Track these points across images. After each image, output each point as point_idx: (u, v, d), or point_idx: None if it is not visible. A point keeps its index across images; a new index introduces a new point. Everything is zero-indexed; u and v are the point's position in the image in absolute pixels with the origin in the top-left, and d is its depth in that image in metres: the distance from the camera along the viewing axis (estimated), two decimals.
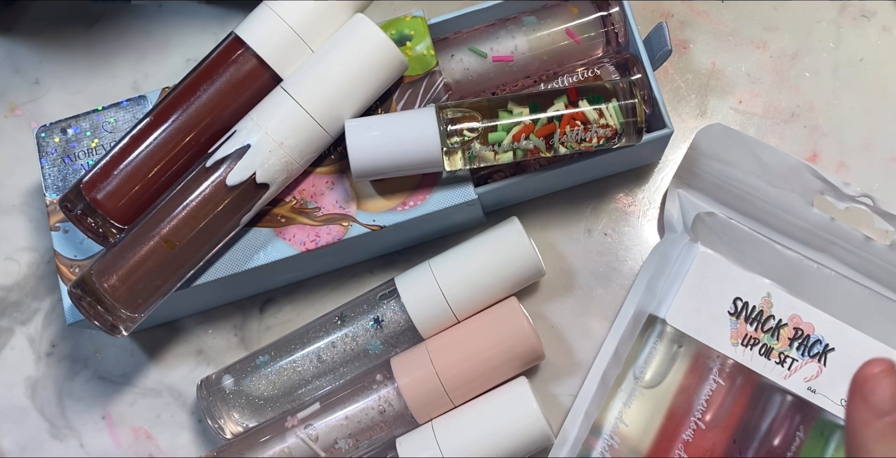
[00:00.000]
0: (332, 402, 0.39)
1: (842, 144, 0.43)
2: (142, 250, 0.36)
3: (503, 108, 0.36)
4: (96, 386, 0.44)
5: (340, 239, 0.38)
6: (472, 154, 0.36)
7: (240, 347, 0.44)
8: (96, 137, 0.41)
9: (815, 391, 0.38)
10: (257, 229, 0.39)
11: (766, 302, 0.40)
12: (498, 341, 0.39)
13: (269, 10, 0.37)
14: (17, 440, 0.44)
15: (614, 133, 0.36)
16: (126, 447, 0.43)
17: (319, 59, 0.37)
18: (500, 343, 0.38)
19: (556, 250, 0.43)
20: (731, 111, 0.44)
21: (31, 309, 0.45)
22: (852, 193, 0.39)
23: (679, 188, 0.42)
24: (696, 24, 0.46)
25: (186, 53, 0.48)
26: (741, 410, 0.39)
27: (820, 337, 0.39)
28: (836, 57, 0.45)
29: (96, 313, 0.36)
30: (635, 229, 0.43)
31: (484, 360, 0.38)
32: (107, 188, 0.37)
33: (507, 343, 0.38)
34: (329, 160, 0.39)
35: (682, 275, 0.40)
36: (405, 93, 0.39)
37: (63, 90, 0.48)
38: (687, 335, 0.40)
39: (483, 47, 0.40)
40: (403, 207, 0.38)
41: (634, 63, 0.39)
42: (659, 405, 0.39)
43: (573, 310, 0.42)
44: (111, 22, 0.49)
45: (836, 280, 0.40)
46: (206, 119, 0.37)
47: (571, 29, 0.39)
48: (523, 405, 0.38)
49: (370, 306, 0.40)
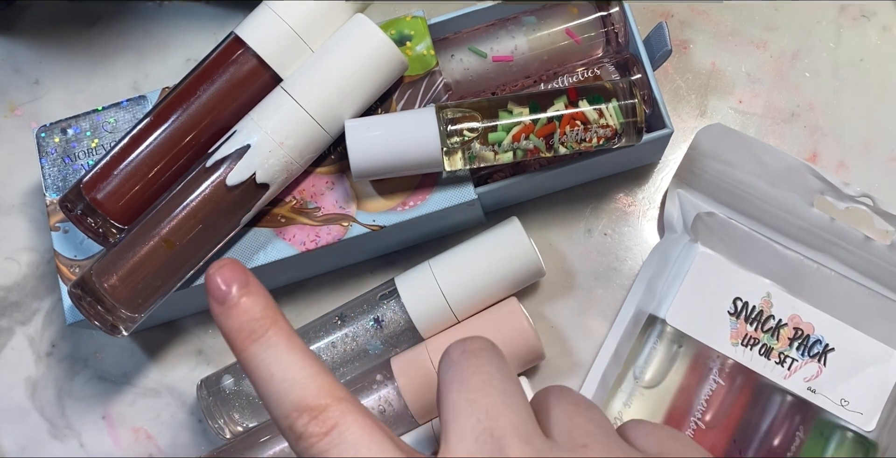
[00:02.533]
0: None
1: (842, 144, 0.43)
2: (142, 250, 0.36)
3: (503, 108, 0.36)
4: (96, 386, 0.44)
5: (340, 239, 0.38)
6: (472, 154, 0.36)
7: None
8: (96, 137, 0.41)
9: (815, 391, 0.38)
10: (257, 229, 0.39)
11: (766, 302, 0.40)
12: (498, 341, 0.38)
13: (269, 10, 0.37)
14: (17, 440, 0.44)
15: (614, 133, 0.36)
16: (126, 447, 0.43)
17: (319, 59, 0.37)
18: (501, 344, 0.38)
19: (556, 250, 0.43)
20: (731, 111, 0.44)
21: (31, 309, 0.45)
22: (852, 193, 0.39)
23: (679, 188, 0.42)
24: (696, 24, 0.46)
25: (186, 53, 0.48)
26: (741, 410, 0.39)
27: (820, 337, 0.39)
28: (836, 57, 0.45)
29: (96, 313, 0.36)
30: (635, 229, 0.43)
31: None
32: (107, 188, 0.37)
33: (507, 343, 0.38)
34: (329, 160, 0.39)
35: (682, 275, 0.40)
36: (405, 93, 0.39)
37: (63, 90, 0.48)
38: (687, 335, 0.40)
39: (483, 47, 0.40)
40: (403, 207, 0.38)
41: (634, 63, 0.39)
42: (659, 405, 0.39)
43: (573, 310, 0.42)
44: (111, 22, 0.49)
45: (836, 280, 0.40)
46: (206, 119, 0.37)
47: (571, 29, 0.39)
48: None
49: (370, 306, 0.40)
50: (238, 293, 0.27)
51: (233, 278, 0.27)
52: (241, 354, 0.27)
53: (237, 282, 0.27)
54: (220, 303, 0.27)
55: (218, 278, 0.27)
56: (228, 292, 0.27)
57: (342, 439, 0.24)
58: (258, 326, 0.27)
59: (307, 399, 0.25)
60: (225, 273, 0.27)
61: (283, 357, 0.26)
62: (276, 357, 0.26)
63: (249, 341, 0.26)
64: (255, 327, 0.27)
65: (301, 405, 0.25)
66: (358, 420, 0.25)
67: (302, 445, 0.25)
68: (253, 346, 0.26)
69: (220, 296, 0.27)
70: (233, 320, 0.27)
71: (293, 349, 0.26)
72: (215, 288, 0.27)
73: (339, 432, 0.25)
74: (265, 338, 0.26)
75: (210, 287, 0.27)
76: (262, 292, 0.27)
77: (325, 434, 0.25)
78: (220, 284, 0.27)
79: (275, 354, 0.26)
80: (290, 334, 0.27)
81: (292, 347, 0.26)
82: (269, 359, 0.26)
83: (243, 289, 0.27)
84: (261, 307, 0.27)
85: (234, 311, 0.27)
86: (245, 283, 0.27)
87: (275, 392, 0.26)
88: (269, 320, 0.27)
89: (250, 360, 0.26)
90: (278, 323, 0.27)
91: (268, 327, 0.27)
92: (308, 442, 0.25)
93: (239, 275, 0.27)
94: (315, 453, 0.25)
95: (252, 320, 0.27)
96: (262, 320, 0.27)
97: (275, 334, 0.26)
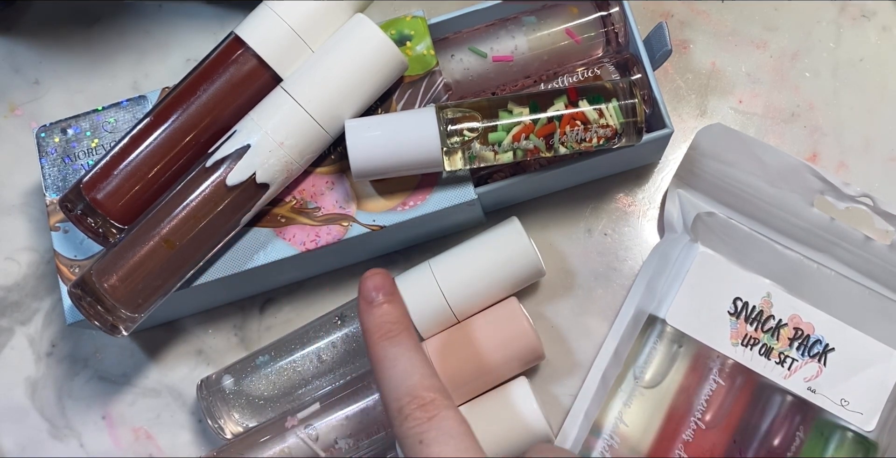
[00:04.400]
0: (332, 402, 0.39)
1: (842, 144, 0.43)
2: (142, 250, 0.36)
3: (503, 108, 0.36)
4: (96, 386, 0.44)
5: (340, 239, 0.38)
6: (472, 154, 0.36)
7: (240, 347, 0.44)
8: (96, 137, 0.41)
9: (815, 391, 0.38)
10: (257, 229, 0.39)
11: (766, 302, 0.40)
12: (498, 341, 0.38)
13: (269, 10, 0.37)
14: (17, 440, 0.44)
15: (614, 133, 0.36)
16: (126, 447, 0.43)
17: (319, 59, 0.37)
18: (500, 343, 0.38)
19: (556, 250, 0.43)
20: (731, 111, 0.44)
21: (31, 309, 0.45)
22: (852, 193, 0.39)
23: (679, 188, 0.42)
24: (696, 24, 0.46)
25: (186, 53, 0.48)
26: (741, 410, 0.39)
27: (820, 337, 0.39)
28: (836, 57, 0.45)
29: (96, 313, 0.36)
30: (635, 229, 0.43)
31: (484, 360, 0.38)
32: (107, 188, 0.37)
33: (507, 343, 0.38)
34: (329, 160, 0.39)
35: (682, 275, 0.40)
36: (405, 93, 0.39)
37: (63, 90, 0.48)
38: (687, 335, 0.40)
39: (483, 47, 0.40)
40: (403, 207, 0.38)
41: (634, 63, 0.39)
42: (659, 405, 0.39)
43: (573, 310, 0.42)
44: (111, 22, 0.49)
45: (836, 280, 0.40)
46: (206, 119, 0.37)
47: (571, 29, 0.39)
48: (523, 405, 0.38)
49: None
50: (383, 299, 0.32)
51: (382, 285, 0.32)
52: (373, 347, 0.31)
53: (384, 289, 0.32)
54: (368, 303, 0.32)
55: (370, 283, 0.32)
56: (376, 295, 0.32)
57: (440, 428, 0.29)
58: (393, 327, 0.31)
59: (420, 390, 0.30)
60: (377, 280, 0.33)
61: (408, 355, 0.31)
62: (402, 354, 0.31)
63: (384, 338, 0.31)
64: (391, 328, 0.31)
65: (414, 393, 0.30)
66: (456, 417, 0.29)
67: (407, 425, 0.29)
68: (385, 342, 0.31)
69: (368, 297, 0.32)
70: (374, 319, 0.32)
71: (418, 352, 0.31)
72: (366, 289, 0.32)
73: (439, 421, 0.29)
74: (397, 339, 0.31)
75: (362, 288, 0.32)
76: (401, 302, 0.33)
77: (428, 420, 0.29)
78: (371, 287, 0.32)
79: (402, 351, 0.31)
80: (416, 341, 0.32)
81: (417, 350, 0.31)
82: (398, 353, 0.31)
83: (388, 296, 0.32)
84: (398, 314, 0.32)
85: (377, 311, 0.32)
86: (391, 292, 0.32)
87: (395, 377, 0.30)
88: (402, 325, 0.32)
89: (381, 352, 0.31)
90: (410, 330, 0.32)
91: (400, 331, 0.31)
92: (412, 422, 0.29)
93: (388, 284, 0.33)
94: (416, 433, 0.29)
95: (389, 322, 0.32)
96: (397, 324, 0.32)
97: (406, 337, 0.31)
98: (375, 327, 0.32)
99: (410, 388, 0.30)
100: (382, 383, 0.31)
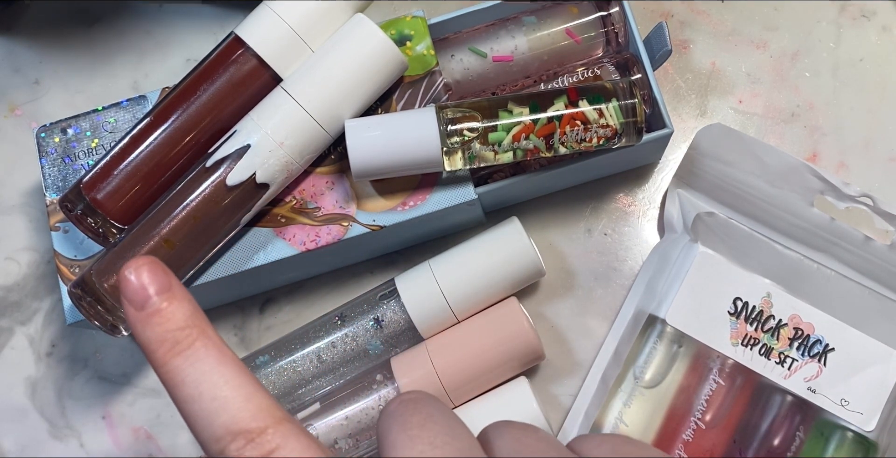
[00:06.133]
0: (332, 402, 0.39)
1: (842, 144, 0.43)
2: (142, 250, 0.36)
3: (503, 108, 0.36)
4: (96, 386, 0.44)
5: (340, 239, 0.38)
6: (472, 154, 0.36)
7: (240, 347, 0.44)
8: (96, 137, 0.41)
9: (815, 391, 0.38)
10: (257, 229, 0.39)
11: (766, 302, 0.40)
12: (498, 341, 0.38)
13: (269, 10, 0.37)
14: (17, 440, 0.44)
15: (614, 133, 0.36)
16: (126, 447, 0.43)
17: (319, 59, 0.37)
18: (500, 343, 0.38)
19: (556, 250, 0.43)
20: (731, 111, 0.44)
21: (31, 309, 0.45)
22: (852, 193, 0.39)
23: (679, 188, 0.42)
24: (696, 24, 0.46)
25: (186, 53, 0.48)
26: (741, 410, 0.39)
27: (820, 337, 0.39)
28: (836, 57, 0.45)
29: (96, 313, 0.36)
30: (635, 229, 0.43)
31: (484, 360, 0.38)
32: (107, 188, 0.37)
33: (507, 343, 0.38)
34: (329, 160, 0.39)
35: (682, 275, 0.40)
36: (405, 93, 0.39)
37: (63, 90, 0.48)
38: (687, 335, 0.40)
39: (483, 47, 0.40)
40: (403, 207, 0.38)
41: (634, 63, 0.39)
42: (659, 405, 0.39)
43: (573, 310, 0.42)
44: (111, 22, 0.49)
45: (836, 280, 0.40)
46: (206, 119, 0.37)
47: (571, 29, 0.39)
48: (523, 405, 0.38)
49: (370, 306, 0.40)
50: (159, 298, 0.23)
51: (153, 280, 0.23)
52: (161, 368, 0.23)
53: (157, 284, 0.23)
54: (139, 308, 0.23)
55: (135, 280, 0.23)
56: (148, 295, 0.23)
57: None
58: (183, 336, 0.23)
59: (243, 421, 0.22)
60: (144, 274, 0.23)
61: (213, 373, 0.22)
62: (204, 373, 0.22)
63: (173, 353, 0.23)
64: (180, 338, 0.23)
65: (235, 428, 0.22)
66: (302, 442, 0.22)
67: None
68: (177, 359, 0.22)
69: (137, 300, 0.23)
70: (153, 329, 0.23)
71: (225, 364, 0.23)
72: (132, 291, 0.23)
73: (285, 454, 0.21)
74: (192, 350, 0.23)
75: (125, 290, 0.23)
76: (186, 296, 0.23)
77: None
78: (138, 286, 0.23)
79: (203, 369, 0.22)
80: (220, 346, 0.23)
81: (223, 361, 0.23)
82: (197, 375, 0.22)
83: (165, 293, 0.23)
84: (185, 315, 0.23)
85: (154, 318, 0.23)
86: (167, 286, 0.23)
87: (203, 413, 0.22)
88: (195, 329, 0.23)
89: (174, 375, 0.22)
90: (206, 333, 0.23)
91: (195, 339, 0.23)
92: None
93: (160, 277, 0.23)
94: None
95: (176, 330, 0.23)
96: (187, 330, 0.23)
97: (203, 346, 0.23)
98: (157, 340, 0.23)
99: (229, 421, 0.22)
100: (186, 418, 0.22)
